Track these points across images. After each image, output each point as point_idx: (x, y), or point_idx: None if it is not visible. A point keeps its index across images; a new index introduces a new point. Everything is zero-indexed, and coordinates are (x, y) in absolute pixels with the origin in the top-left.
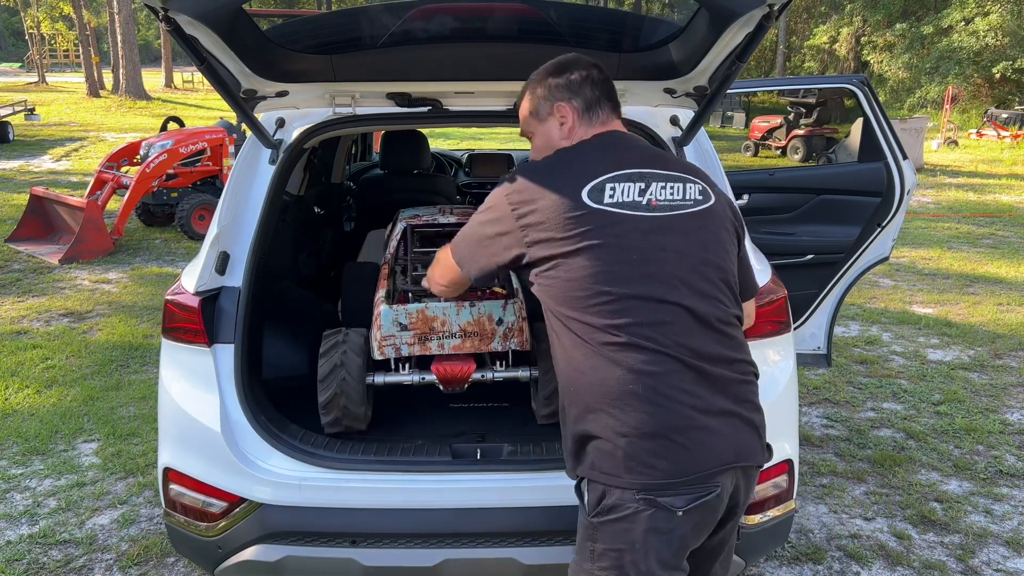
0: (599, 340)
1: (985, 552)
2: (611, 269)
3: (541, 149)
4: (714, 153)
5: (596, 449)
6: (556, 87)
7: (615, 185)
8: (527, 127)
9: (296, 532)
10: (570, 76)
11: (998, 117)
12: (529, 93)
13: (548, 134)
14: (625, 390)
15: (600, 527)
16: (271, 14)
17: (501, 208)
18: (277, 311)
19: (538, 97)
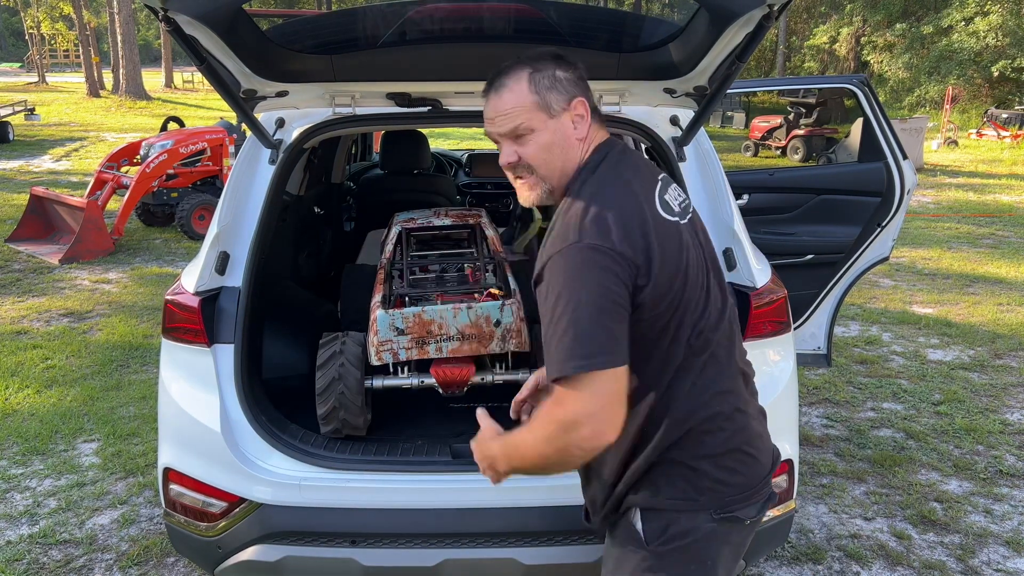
0: (685, 360)
1: (985, 552)
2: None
3: (550, 148)
4: (714, 153)
5: (664, 476)
6: (567, 80)
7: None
8: (528, 122)
9: (296, 532)
10: (577, 71)
11: (998, 117)
12: (529, 83)
13: (563, 132)
14: (713, 411)
15: (667, 555)
16: (271, 14)
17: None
18: (277, 311)
19: (545, 88)
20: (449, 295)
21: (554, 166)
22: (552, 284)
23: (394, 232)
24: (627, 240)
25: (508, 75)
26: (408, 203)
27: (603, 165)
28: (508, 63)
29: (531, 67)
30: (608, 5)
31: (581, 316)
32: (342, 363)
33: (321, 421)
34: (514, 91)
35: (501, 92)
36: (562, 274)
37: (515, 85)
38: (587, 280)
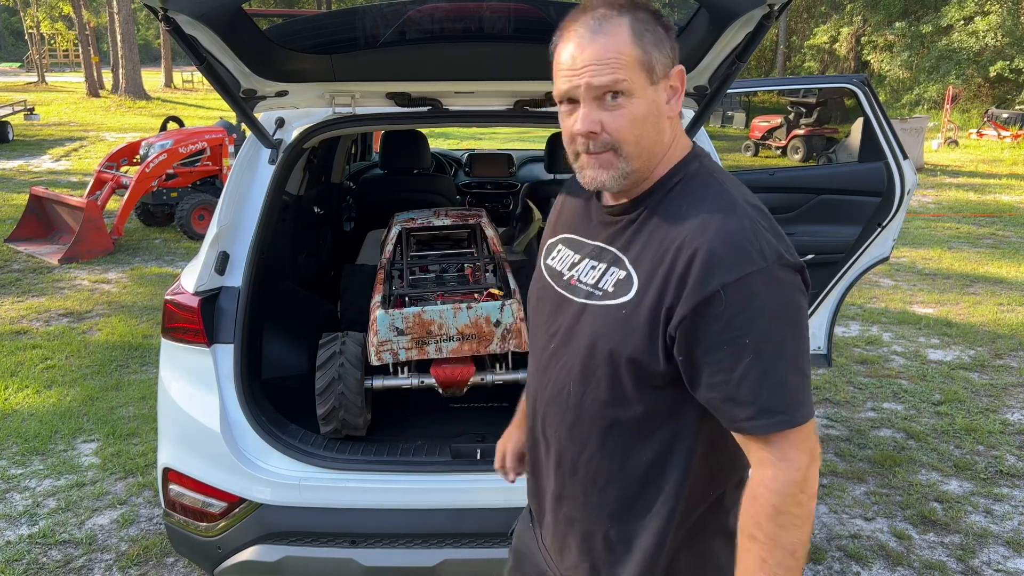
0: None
1: (985, 552)
2: None
3: (644, 122)
4: (714, 153)
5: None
6: (671, 46)
7: None
8: (629, 81)
9: (296, 532)
10: (673, 32)
11: (998, 117)
12: (632, 32)
13: (659, 105)
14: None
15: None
16: (271, 14)
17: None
18: (277, 311)
19: (651, 44)
20: (449, 295)
21: (644, 146)
22: (751, 315)
23: (394, 232)
24: (800, 259)
25: (607, 14)
26: (408, 203)
27: (711, 168)
28: (602, 6)
29: (631, 12)
30: None
31: (797, 354)
32: (342, 363)
33: (321, 421)
34: (614, 37)
35: (597, 34)
36: (767, 303)
37: (615, 30)
38: (794, 311)
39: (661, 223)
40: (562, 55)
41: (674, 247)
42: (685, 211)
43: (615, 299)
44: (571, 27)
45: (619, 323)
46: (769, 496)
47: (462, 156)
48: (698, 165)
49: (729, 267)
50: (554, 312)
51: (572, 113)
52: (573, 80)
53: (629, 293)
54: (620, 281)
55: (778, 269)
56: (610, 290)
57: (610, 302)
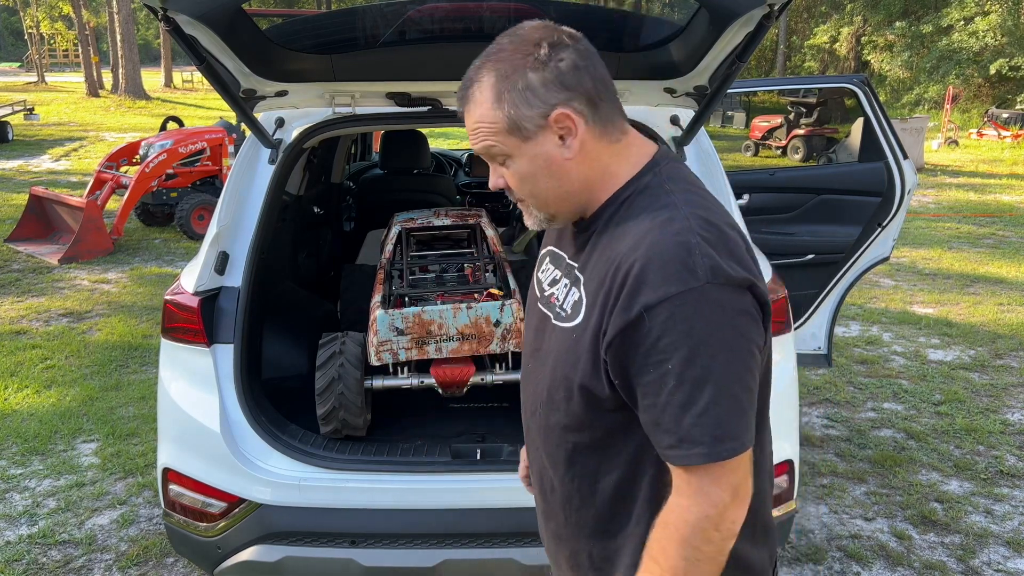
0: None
1: (986, 552)
2: None
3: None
4: (714, 153)
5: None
6: (544, 84)
7: None
8: (500, 146)
9: (296, 532)
10: (563, 60)
11: (999, 117)
12: (494, 94)
13: (546, 157)
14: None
15: None
16: (271, 14)
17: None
18: (277, 311)
19: (513, 102)
20: (449, 295)
21: (548, 197)
22: (677, 340)
23: (394, 232)
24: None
25: (473, 78)
26: (408, 203)
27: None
28: (478, 59)
29: (496, 69)
30: (608, 5)
31: (728, 382)
32: (342, 363)
33: (321, 421)
34: (477, 104)
35: (466, 101)
36: (695, 326)
37: (477, 96)
38: (729, 334)
39: (608, 241)
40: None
41: (613, 267)
42: (627, 227)
43: (570, 322)
44: (461, 88)
45: (572, 347)
46: (680, 526)
47: (462, 156)
48: (651, 177)
49: (655, 287)
50: (536, 328)
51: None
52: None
53: (579, 316)
54: (575, 303)
55: (712, 289)
56: (568, 311)
57: (566, 324)
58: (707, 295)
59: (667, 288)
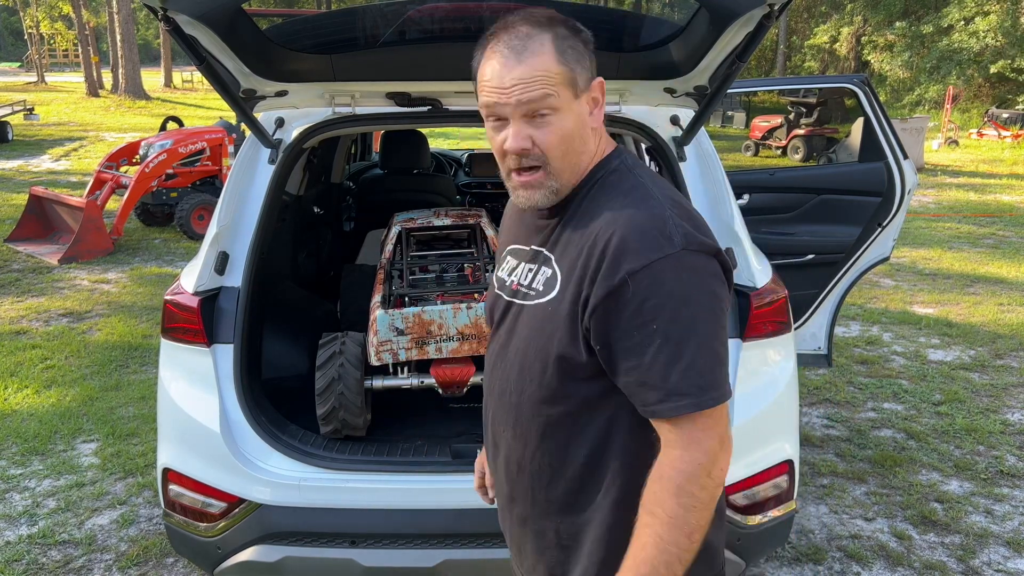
0: None
1: (986, 552)
2: None
3: (571, 137)
4: (714, 153)
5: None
6: (591, 59)
7: None
8: (555, 98)
9: (295, 532)
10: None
11: (999, 117)
12: (555, 48)
13: (583, 119)
14: None
15: None
16: (271, 13)
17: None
18: (276, 311)
19: (573, 58)
20: (449, 295)
21: (570, 160)
22: (661, 301)
23: (394, 232)
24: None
25: (528, 33)
26: (408, 203)
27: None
28: (515, 17)
29: (551, 28)
30: (608, 4)
31: (708, 337)
32: (342, 363)
33: (321, 421)
34: (539, 55)
35: (522, 53)
36: (676, 288)
37: (539, 48)
38: (706, 294)
39: (582, 219)
40: (487, 72)
41: (590, 240)
42: (602, 205)
43: (543, 297)
44: (494, 45)
45: (547, 320)
46: (675, 476)
47: (462, 156)
48: (619, 163)
49: (636, 254)
50: (501, 318)
51: (501, 130)
52: (502, 98)
53: (554, 290)
54: (547, 279)
55: (688, 255)
56: (540, 289)
57: (539, 300)
58: (684, 260)
59: (648, 255)
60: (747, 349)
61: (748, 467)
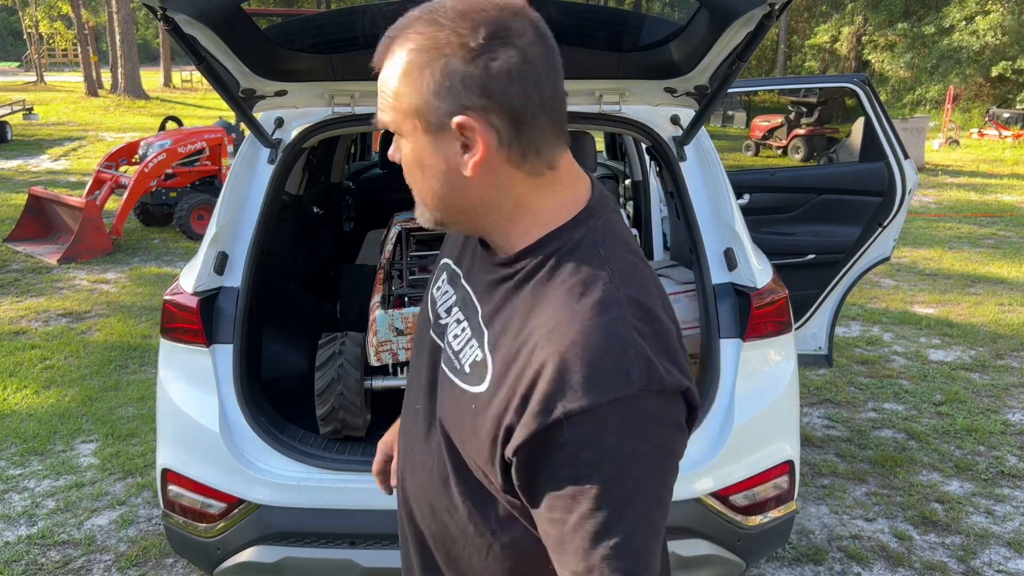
0: None
1: (987, 553)
2: None
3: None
4: (715, 152)
5: None
6: (469, 78)
7: None
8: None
9: (295, 533)
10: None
11: (1000, 117)
12: (406, 66)
13: (445, 159)
14: None
15: None
16: (270, 13)
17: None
18: (276, 311)
19: (425, 83)
20: None
21: (432, 199)
22: (600, 456)
23: (393, 232)
24: (689, 375)
25: (397, 33)
26: (408, 203)
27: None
28: (416, 9)
29: (421, 36)
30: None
31: (649, 507)
32: (341, 364)
33: (320, 422)
34: (389, 67)
35: (381, 54)
36: (622, 442)
37: (392, 59)
38: (657, 453)
39: (525, 304)
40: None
41: (527, 347)
42: (550, 294)
43: (469, 385)
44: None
45: (468, 417)
46: None
47: None
48: (585, 233)
49: (579, 391)
50: (427, 357)
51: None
52: None
53: (483, 383)
54: (476, 363)
55: (647, 398)
56: (467, 370)
57: (464, 385)
58: (639, 406)
59: (595, 395)
60: (747, 349)
61: (748, 467)
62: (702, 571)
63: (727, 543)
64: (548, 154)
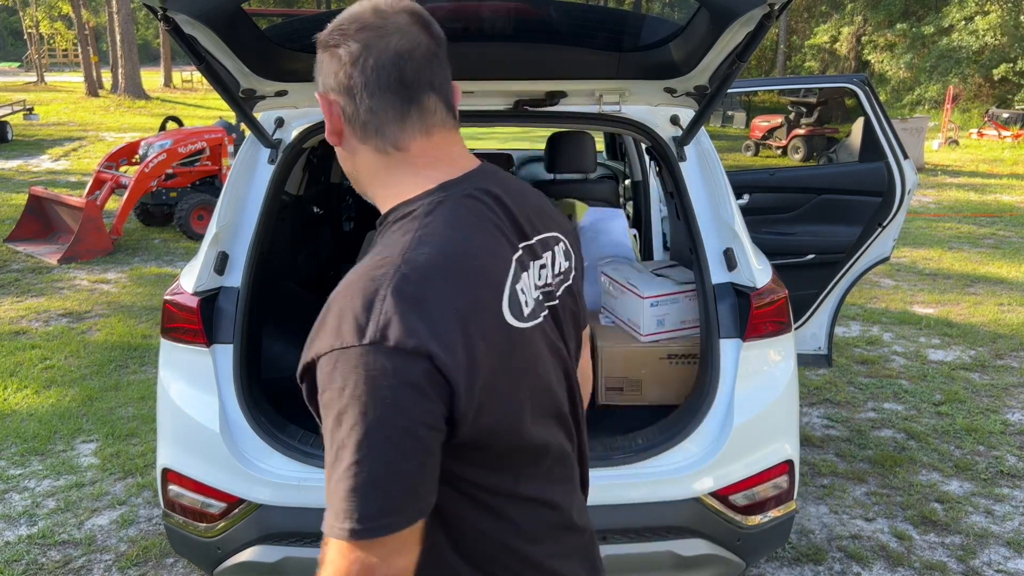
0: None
1: (986, 553)
2: None
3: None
4: (714, 153)
5: None
6: (329, 60)
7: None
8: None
9: (295, 533)
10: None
11: (999, 117)
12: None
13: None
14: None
15: None
16: (270, 13)
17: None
18: (276, 311)
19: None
20: None
21: (344, 161)
22: (331, 398)
23: None
24: (446, 342)
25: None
26: None
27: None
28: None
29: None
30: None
31: (363, 458)
32: None
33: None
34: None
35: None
36: (345, 391)
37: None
38: (378, 405)
39: None
40: None
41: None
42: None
43: None
44: None
45: None
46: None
47: None
48: (419, 206)
49: (326, 335)
50: None
51: None
52: None
53: None
54: None
55: (378, 352)
56: None
57: None
58: (369, 358)
59: (333, 340)
60: (747, 349)
61: (748, 467)
62: (702, 571)
63: (727, 543)
64: (392, 136)
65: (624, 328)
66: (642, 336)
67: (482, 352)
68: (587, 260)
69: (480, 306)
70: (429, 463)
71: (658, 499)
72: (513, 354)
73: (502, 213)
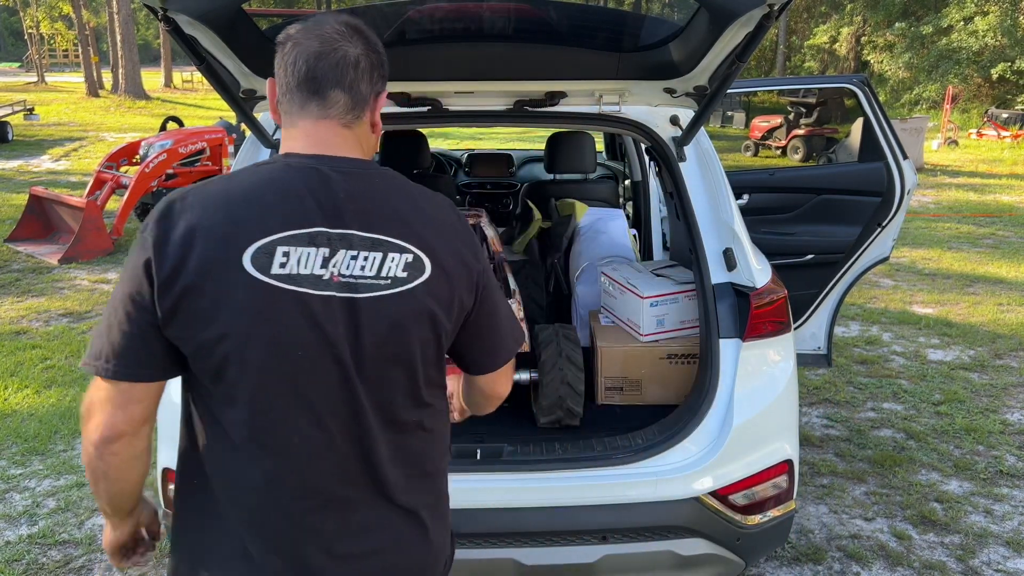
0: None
1: (985, 552)
2: None
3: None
4: (714, 153)
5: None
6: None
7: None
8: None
9: None
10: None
11: (998, 117)
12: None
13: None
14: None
15: None
16: (271, 14)
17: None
18: None
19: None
20: None
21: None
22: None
23: None
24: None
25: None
26: None
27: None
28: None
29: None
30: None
31: (109, 309)
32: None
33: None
34: None
35: None
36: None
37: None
38: (126, 274)
39: None
40: None
41: None
42: None
43: None
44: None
45: None
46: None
47: (462, 156)
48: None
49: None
50: None
51: None
52: None
53: None
54: None
55: (138, 238)
56: None
57: None
58: (136, 242)
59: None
60: (747, 349)
61: (747, 467)
62: (702, 570)
63: (726, 542)
64: (293, 116)
65: (624, 328)
66: (642, 336)
67: (192, 266)
68: (587, 260)
69: (215, 235)
70: (138, 334)
71: (658, 499)
72: (229, 287)
73: (321, 192)
